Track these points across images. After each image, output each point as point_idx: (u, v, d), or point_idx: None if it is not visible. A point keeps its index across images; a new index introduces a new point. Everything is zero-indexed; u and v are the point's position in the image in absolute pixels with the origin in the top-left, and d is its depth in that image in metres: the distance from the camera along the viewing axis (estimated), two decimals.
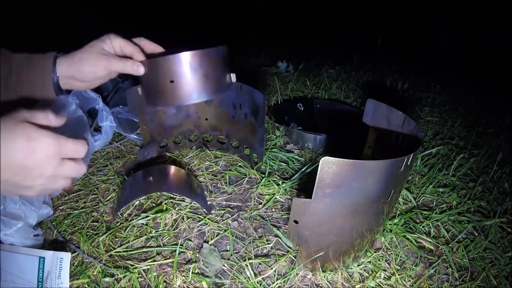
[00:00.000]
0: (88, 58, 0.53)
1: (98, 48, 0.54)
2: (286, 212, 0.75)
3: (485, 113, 1.43)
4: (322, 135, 0.99)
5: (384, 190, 0.49)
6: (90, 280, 0.56)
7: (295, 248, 0.64)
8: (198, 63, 0.59)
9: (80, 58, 0.53)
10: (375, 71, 1.86)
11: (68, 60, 0.53)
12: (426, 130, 1.21)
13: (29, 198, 0.63)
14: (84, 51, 0.53)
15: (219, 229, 0.68)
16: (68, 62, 0.53)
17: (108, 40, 0.55)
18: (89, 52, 0.53)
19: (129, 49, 0.57)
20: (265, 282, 0.58)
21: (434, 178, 0.89)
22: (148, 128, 0.86)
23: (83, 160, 0.43)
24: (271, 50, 2.12)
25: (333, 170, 0.44)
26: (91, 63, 0.53)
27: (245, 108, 0.83)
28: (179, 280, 0.57)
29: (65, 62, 0.53)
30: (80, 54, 0.53)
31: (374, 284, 0.59)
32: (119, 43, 0.56)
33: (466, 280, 0.63)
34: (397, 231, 0.70)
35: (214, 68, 0.62)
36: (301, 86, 1.55)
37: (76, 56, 0.53)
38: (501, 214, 0.79)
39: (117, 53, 0.57)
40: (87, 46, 0.54)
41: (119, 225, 0.68)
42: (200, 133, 0.97)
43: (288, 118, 1.11)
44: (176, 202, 0.74)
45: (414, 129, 0.58)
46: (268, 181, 0.82)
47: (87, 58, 0.53)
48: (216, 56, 0.62)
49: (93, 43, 0.54)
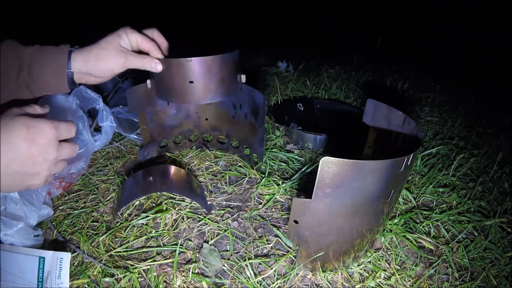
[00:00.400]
0: (106, 55, 0.52)
1: (115, 44, 0.52)
2: (286, 212, 0.75)
3: (485, 113, 1.43)
4: (322, 135, 0.99)
5: (384, 190, 0.49)
6: (90, 280, 0.56)
7: (295, 248, 0.64)
8: (218, 67, 0.64)
9: (97, 54, 0.52)
10: (375, 71, 1.86)
11: (84, 56, 0.51)
12: (426, 130, 1.21)
13: (30, 199, 0.63)
14: (101, 47, 0.52)
15: (219, 229, 0.68)
16: (83, 58, 0.51)
17: (125, 35, 0.53)
18: (106, 48, 0.52)
19: (146, 45, 0.56)
20: (265, 282, 0.58)
21: (434, 178, 0.89)
22: (148, 128, 0.86)
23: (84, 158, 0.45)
24: (271, 50, 2.12)
25: (333, 170, 0.44)
26: (109, 60, 0.52)
27: (245, 108, 0.83)
28: (179, 280, 0.57)
29: (81, 58, 0.51)
30: (97, 50, 0.52)
31: (374, 284, 0.59)
32: (136, 39, 0.55)
33: (466, 280, 0.63)
34: (397, 231, 0.70)
35: (229, 71, 0.67)
36: (301, 86, 1.55)
37: (92, 52, 0.52)
38: (501, 214, 0.79)
39: (133, 49, 0.56)
40: (103, 42, 0.52)
41: (119, 225, 0.68)
42: (200, 133, 0.97)
43: (288, 118, 1.11)
44: (176, 202, 0.74)
45: (414, 129, 0.58)
46: (268, 181, 0.82)
47: (104, 55, 0.52)
48: (232, 60, 0.67)
49: (109, 38, 0.53)
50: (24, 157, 0.37)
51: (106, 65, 0.52)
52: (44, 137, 0.38)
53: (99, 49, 0.52)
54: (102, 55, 0.52)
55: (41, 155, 0.38)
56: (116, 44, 0.53)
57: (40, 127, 0.37)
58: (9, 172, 0.36)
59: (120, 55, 0.52)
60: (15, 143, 0.36)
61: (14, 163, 0.36)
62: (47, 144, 0.38)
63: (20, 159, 0.37)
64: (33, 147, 0.37)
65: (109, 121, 0.86)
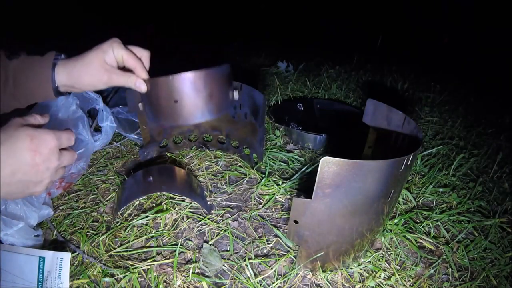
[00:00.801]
0: (88, 72, 0.51)
1: (99, 60, 0.51)
2: (286, 212, 0.75)
3: (485, 113, 1.43)
4: (322, 135, 0.99)
5: (384, 190, 0.50)
6: (90, 280, 0.56)
7: (295, 248, 0.64)
8: (203, 83, 0.58)
9: (79, 71, 0.51)
10: (375, 71, 1.86)
11: (67, 69, 0.51)
12: (426, 130, 1.21)
13: (30, 199, 0.63)
14: (84, 63, 0.51)
15: (219, 229, 0.68)
16: (67, 71, 0.51)
17: (111, 50, 0.52)
18: (89, 64, 0.51)
19: (132, 63, 0.55)
20: (265, 282, 0.58)
21: (434, 178, 0.89)
22: (148, 128, 0.86)
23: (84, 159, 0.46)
24: (271, 50, 2.12)
25: (333, 170, 0.44)
26: (91, 77, 0.51)
27: (245, 108, 0.83)
28: (179, 280, 0.57)
29: (64, 71, 0.51)
30: (80, 66, 0.51)
31: (374, 284, 0.59)
32: (122, 55, 0.53)
33: (466, 280, 0.63)
34: (397, 231, 0.70)
35: (218, 87, 0.61)
36: (301, 86, 1.55)
37: (75, 68, 0.51)
38: (501, 214, 0.79)
39: (119, 65, 0.55)
40: (87, 56, 0.51)
41: (119, 225, 0.68)
42: (200, 133, 0.97)
43: (288, 118, 1.11)
44: (176, 202, 0.74)
45: (414, 129, 0.58)
46: (268, 181, 0.82)
47: (86, 71, 0.51)
48: (221, 74, 0.61)
49: (93, 53, 0.51)
50: (28, 166, 0.38)
51: (89, 82, 0.52)
52: (47, 147, 0.40)
53: (82, 65, 0.51)
54: (85, 72, 0.51)
55: (44, 164, 0.40)
56: (101, 60, 0.51)
57: (43, 138, 0.39)
58: (14, 181, 0.38)
59: (103, 73, 0.51)
60: (19, 154, 0.38)
61: (18, 172, 0.38)
62: (49, 154, 0.40)
63: (24, 168, 0.38)
64: (37, 156, 0.39)
65: (109, 121, 0.86)
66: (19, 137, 0.38)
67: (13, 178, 0.38)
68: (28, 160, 0.38)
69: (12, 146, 0.37)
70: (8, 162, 0.37)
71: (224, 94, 0.63)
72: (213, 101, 0.60)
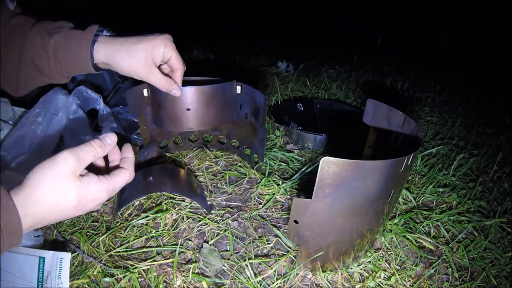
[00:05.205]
0: (130, 62, 0.50)
1: (146, 54, 0.50)
2: (286, 212, 0.75)
3: (485, 113, 1.43)
4: (322, 135, 0.99)
5: (384, 190, 0.49)
6: (90, 280, 0.56)
7: (295, 248, 0.64)
8: (213, 95, 0.69)
9: (122, 57, 0.49)
10: (375, 71, 1.86)
11: (109, 50, 0.49)
12: (426, 130, 1.21)
13: None
14: (130, 50, 0.49)
15: (219, 229, 0.68)
16: (108, 52, 0.49)
17: (163, 48, 0.51)
18: (134, 55, 0.49)
19: (177, 66, 0.55)
20: (265, 282, 0.58)
21: (434, 178, 0.89)
22: (148, 128, 0.86)
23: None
24: (271, 50, 2.12)
25: (333, 170, 0.44)
26: (131, 67, 0.50)
27: (245, 108, 0.83)
28: (179, 280, 0.57)
29: (105, 51, 0.49)
30: (124, 53, 0.49)
31: (374, 284, 0.59)
32: (171, 56, 0.53)
33: (466, 280, 0.63)
34: (397, 231, 0.70)
35: (225, 99, 0.72)
36: (301, 86, 1.55)
37: (119, 52, 0.49)
38: (501, 214, 0.79)
39: (163, 61, 0.55)
40: (135, 47, 0.50)
41: (119, 225, 0.68)
42: (200, 133, 0.97)
43: (288, 118, 1.10)
44: (176, 202, 0.74)
45: (414, 129, 0.58)
46: (268, 181, 0.82)
47: (128, 60, 0.50)
48: (229, 88, 0.73)
49: (143, 45, 0.50)
50: (69, 216, 0.38)
51: (127, 70, 0.51)
52: (94, 203, 0.39)
53: (127, 52, 0.49)
54: (126, 60, 0.50)
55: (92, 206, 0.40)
56: (148, 54, 0.50)
57: (92, 198, 0.38)
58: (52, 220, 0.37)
59: (144, 68, 0.51)
60: (64, 211, 0.37)
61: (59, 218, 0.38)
62: (95, 207, 0.40)
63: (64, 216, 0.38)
64: (80, 212, 0.38)
65: (109, 122, 0.86)
66: (67, 197, 0.36)
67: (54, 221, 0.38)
68: (71, 215, 0.38)
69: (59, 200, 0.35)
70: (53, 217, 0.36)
71: (230, 106, 0.76)
72: (220, 110, 0.72)
